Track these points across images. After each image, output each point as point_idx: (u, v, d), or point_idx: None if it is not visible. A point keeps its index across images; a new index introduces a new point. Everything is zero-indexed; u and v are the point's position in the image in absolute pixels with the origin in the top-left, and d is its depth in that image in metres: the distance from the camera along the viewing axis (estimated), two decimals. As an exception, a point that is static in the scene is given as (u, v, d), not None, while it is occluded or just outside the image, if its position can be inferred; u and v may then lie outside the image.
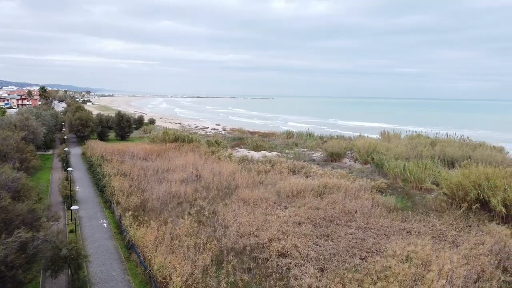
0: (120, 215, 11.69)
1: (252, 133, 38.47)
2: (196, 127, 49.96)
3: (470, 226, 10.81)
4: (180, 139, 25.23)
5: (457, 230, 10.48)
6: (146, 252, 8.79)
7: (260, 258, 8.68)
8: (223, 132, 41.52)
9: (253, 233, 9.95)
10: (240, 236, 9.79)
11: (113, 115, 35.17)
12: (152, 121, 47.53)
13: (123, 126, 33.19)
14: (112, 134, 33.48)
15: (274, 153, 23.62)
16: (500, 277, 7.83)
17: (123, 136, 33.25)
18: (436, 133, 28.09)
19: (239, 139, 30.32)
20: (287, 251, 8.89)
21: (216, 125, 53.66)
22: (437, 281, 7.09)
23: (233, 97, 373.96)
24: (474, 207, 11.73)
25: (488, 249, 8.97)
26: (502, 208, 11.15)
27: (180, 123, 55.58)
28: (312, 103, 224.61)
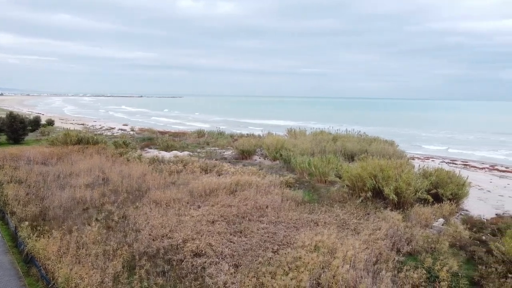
0: (15, 227, 10.59)
1: (163, 132, 37.49)
2: (101, 127, 47.14)
3: (368, 214, 11.86)
4: (84, 140, 23.62)
5: (358, 218, 11.43)
6: (49, 265, 8.11)
7: (174, 260, 8.56)
8: (132, 132, 39.79)
9: (167, 235, 9.77)
10: (153, 239, 9.54)
11: (4, 116, 31.60)
12: (50, 122, 43.66)
13: (16, 128, 29.98)
14: (3, 138, 30.11)
15: (186, 152, 23.34)
16: (394, 258, 8.75)
17: (16, 139, 30.05)
18: (337, 130, 30.15)
19: (149, 139, 29.33)
20: (202, 251, 8.89)
21: (124, 125, 51.23)
22: (342, 266, 7.66)
23: (141, 96, 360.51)
24: (370, 196, 12.89)
25: (384, 234, 9.94)
26: (394, 196, 12.45)
27: (83, 124, 51.95)
28: (222, 102, 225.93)
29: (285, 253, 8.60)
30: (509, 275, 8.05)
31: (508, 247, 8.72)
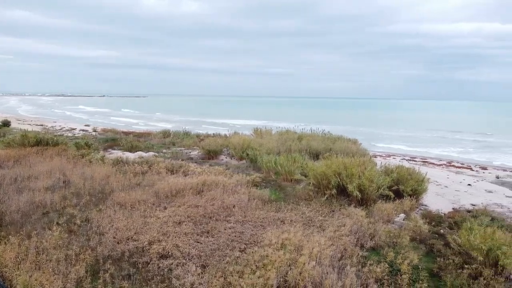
0: (-31, 233, 10.09)
1: (127, 133, 36.62)
2: (62, 128, 45.46)
3: (333, 211, 12.11)
4: (43, 142, 22.66)
5: (323, 215, 11.65)
6: (6, 272, 7.76)
7: (140, 263, 8.41)
8: (94, 133, 38.63)
9: (132, 237, 9.57)
10: (118, 242, 9.32)
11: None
12: (6, 123, 41.64)
13: (-32, 130, 28.50)
14: (-47, 141, 28.42)
15: (151, 153, 22.93)
16: (358, 253, 9.00)
17: (-32, 142, 28.52)
18: (303, 129, 30.57)
19: (112, 140, 28.54)
20: (168, 252, 8.78)
21: (85, 125, 49.66)
22: (308, 263, 7.80)
23: (104, 96, 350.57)
24: (335, 193, 13.18)
25: (348, 230, 10.18)
26: (358, 193, 12.79)
27: (42, 125, 49.90)
28: (188, 102, 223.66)
29: (252, 252, 8.65)
30: (465, 266, 8.47)
31: (464, 240, 9.17)
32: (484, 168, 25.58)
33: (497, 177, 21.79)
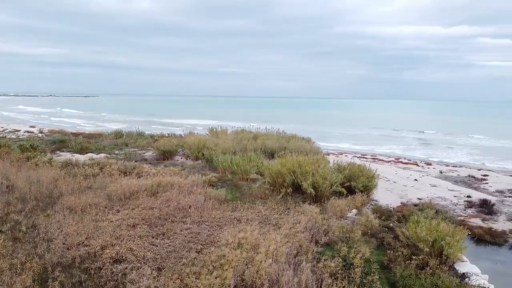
0: None
1: (76, 134, 35.10)
2: (4, 130, 42.76)
3: (288, 209, 12.32)
4: (-19, 145, 21.26)
5: (279, 213, 11.81)
6: None
7: (92, 268, 8.11)
8: (40, 134, 36.66)
9: (83, 242, 9.20)
10: (68, 248, 8.93)
11: None
12: None
13: None
14: None
15: (103, 154, 22.14)
16: (313, 249, 9.21)
17: None
18: (258, 128, 30.81)
19: (61, 141, 27.23)
20: (122, 256, 8.53)
21: (31, 126, 47.00)
22: (265, 261, 7.87)
23: (51, 95, 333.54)
24: (290, 191, 13.41)
25: (303, 227, 10.40)
26: (312, 190, 13.10)
27: (-21, 127, 46.68)
28: (141, 102, 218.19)
29: (209, 252, 8.61)
30: (413, 257, 8.93)
31: (412, 232, 9.65)
32: (429, 164, 27.05)
33: (441, 172, 23.11)
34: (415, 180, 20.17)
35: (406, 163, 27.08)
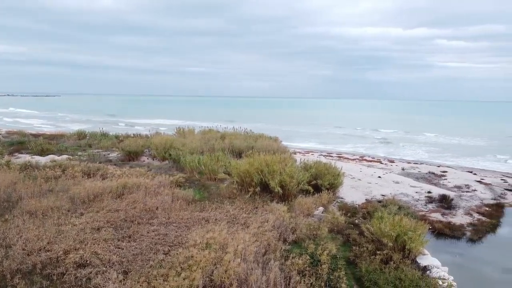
0: None
1: (36, 135, 33.69)
2: (-46, 131, 40.49)
3: (256, 208, 12.37)
4: None
5: (247, 212, 11.85)
6: None
7: (54, 274, 7.84)
8: (-4, 136, 35.01)
9: (44, 247, 8.87)
10: (28, 254, 8.58)
11: None
12: None
13: None
14: None
15: (65, 156, 21.41)
16: (281, 247, 9.30)
17: None
18: (225, 127, 30.76)
19: (19, 143, 26.08)
20: (87, 260, 8.30)
21: (-15, 128, 44.80)
22: (234, 260, 7.88)
23: (9, 95, 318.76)
24: (258, 190, 13.48)
25: (271, 225, 10.48)
26: (279, 189, 13.22)
27: None
28: (105, 101, 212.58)
29: (177, 254, 8.52)
30: (378, 252, 9.19)
31: (376, 228, 9.93)
32: (392, 161, 27.91)
33: (403, 169, 23.90)
34: (379, 177, 20.76)
35: (370, 161, 27.82)
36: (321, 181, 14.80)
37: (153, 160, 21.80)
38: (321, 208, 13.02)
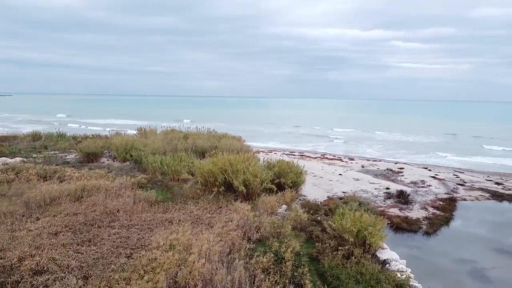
0: None
1: (-15, 137, 31.92)
2: None
3: (221, 207, 12.35)
4: None
5: (211, 212, 11.80)
6: None
7: (8, 283, 7.46)
8: None
9: (-3, 255, 8.45)
10: (-21, 263, 8.13)
11: None
12: None
13: None
14: None
15: (18, 158, 20.40)
16: (246, 246, 9.34)
17: None
18: (188, 127, 30.46)
19: (-34, 145, 24.62)
20: (44, 267, 7.96)
21: None
22: (198, 261, 7.83)
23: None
24: (222, 190, 13.46)
25: (235, 225, 10.50)
26: (243, 188, 13.26)
27: None
28: (61, 101, 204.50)
29: (139, 256, 8.36)
30: (340, 248, 9.43)
31: (338, 224, 10.19)
32: (352, 159, 28.68)
33: (363, 166, 24.63)
34: (340, 174, 21.28)
35: (331, 159, 28.45)
36: (284, 180, 14.98)
37: (114, 161, 21.23)
38: (284, 206, 13.18)
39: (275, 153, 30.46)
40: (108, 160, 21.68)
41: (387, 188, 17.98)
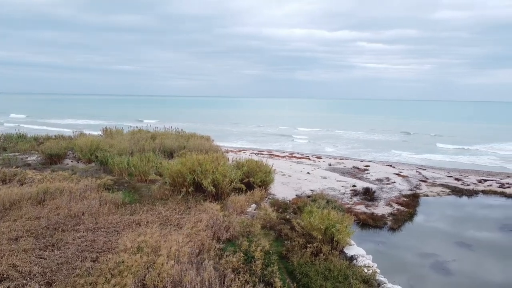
0: None
1: None
2: None
3: (190, 208, 12.25)
4: None
5: (180, 213, 11.69)
6: None
7: (-35, 292, 7.13)
8: None
9: (-48, 263, 8.02)
10: None
11: None
12: None
13: None
14: None
15: (-26, 161, 19.44)
16: (216, 246, 9.31)
17: None
18: (156, 127, 30.00)
19: None
20: (3, 274, 7.64)
21: None
22: (167, 263, 7.75)
23: None
24: (191, 190, 13.35)
25: (205, 225, 10.44)
26: (212, 188, 13.21)
27: None
28: (22, 100, 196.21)
29: (106, 260, 8.17)
30: (308, 245, 9.56)
31: (306, 222, 10.33)
32: (319, 158, 29.13)
33: (330, 165, 25.06)
34: (308, 173, 21.57)
35: (300, 158, 28.78)
36: (253, 179, 15.02)
37: (78, 162, 20.61)
38: (253, 205, 13.23)
39: (244, 152, 30.49)
40: (72, 161, 21.03)
41: (354, 186, 18.39)
